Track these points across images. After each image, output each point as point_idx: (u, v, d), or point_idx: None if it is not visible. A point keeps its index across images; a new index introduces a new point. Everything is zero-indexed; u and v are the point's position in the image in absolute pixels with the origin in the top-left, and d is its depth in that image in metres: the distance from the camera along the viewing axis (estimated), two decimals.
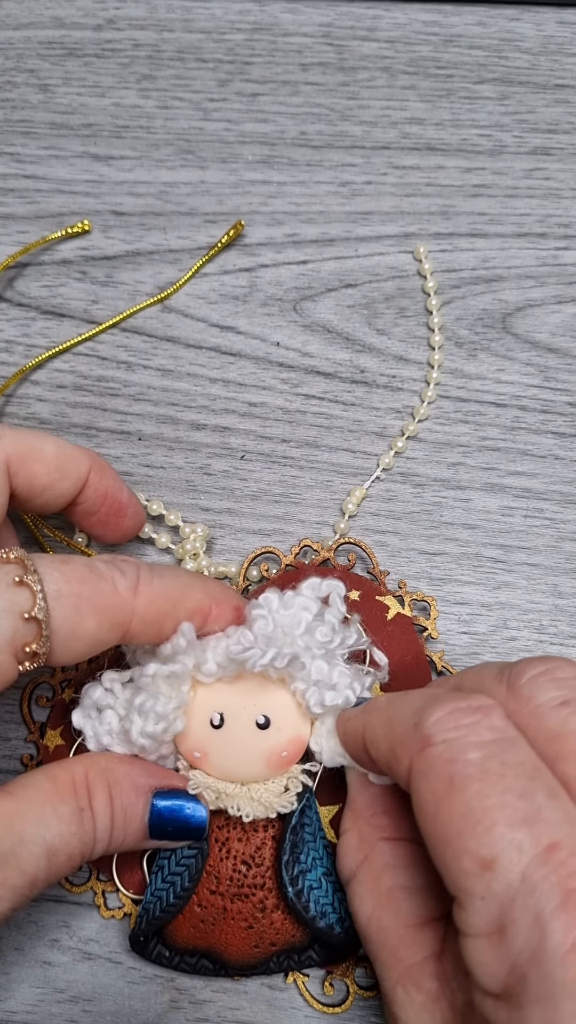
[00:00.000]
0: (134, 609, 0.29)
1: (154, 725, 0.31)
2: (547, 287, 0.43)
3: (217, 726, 0.32)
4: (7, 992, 0.35)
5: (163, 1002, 0.35)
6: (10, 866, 0.27)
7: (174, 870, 0.33)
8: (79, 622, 0.28)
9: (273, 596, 0.32)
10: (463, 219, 0.44)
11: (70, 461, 0.33)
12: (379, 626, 0.36)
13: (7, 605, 0.27)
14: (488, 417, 0.41)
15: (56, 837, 0.28)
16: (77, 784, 0.30)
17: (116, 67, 0.47)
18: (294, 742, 0.32)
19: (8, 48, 0.47)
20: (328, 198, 0.44)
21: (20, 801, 0.28)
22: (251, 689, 0.32)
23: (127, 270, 0.44)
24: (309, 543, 0.38)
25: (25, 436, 0.32)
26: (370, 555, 0.38)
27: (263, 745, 0.32)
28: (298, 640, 0.31)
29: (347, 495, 0.40)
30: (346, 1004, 0.34)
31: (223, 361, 0.42)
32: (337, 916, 0.32)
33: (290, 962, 0.34)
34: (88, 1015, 0.35)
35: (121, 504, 0.35)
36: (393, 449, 0.40)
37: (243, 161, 0.45)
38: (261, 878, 0.33)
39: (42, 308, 0.43)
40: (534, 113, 0.46)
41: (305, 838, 0.33)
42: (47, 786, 0.29)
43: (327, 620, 0.32)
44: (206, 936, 0.33)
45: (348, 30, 0.47)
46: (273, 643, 0.31)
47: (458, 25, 0.47)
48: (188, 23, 0.47)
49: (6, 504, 0.32)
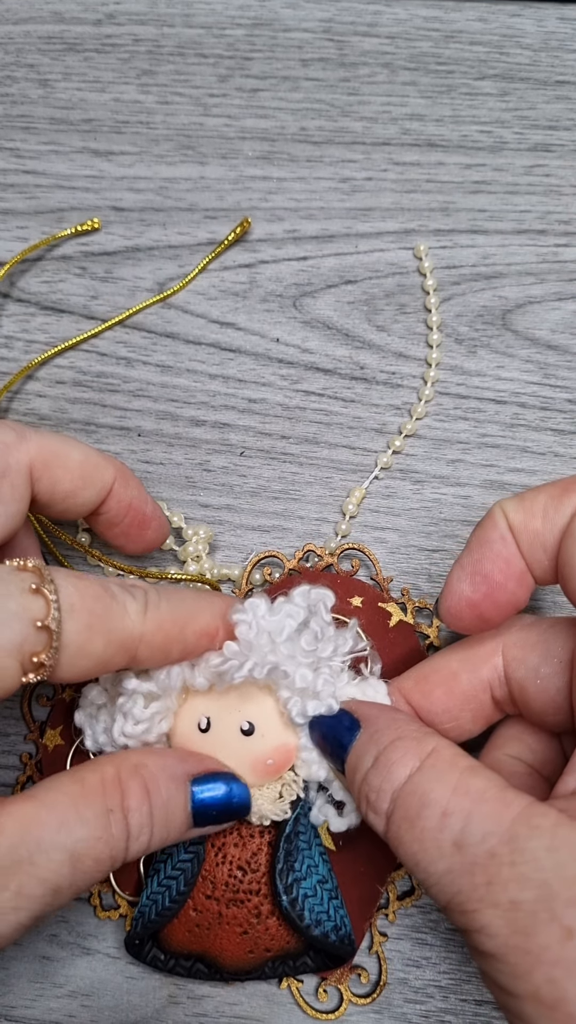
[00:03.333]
0: (142, 635, 0.29)
1: (133, 726, 0.31)
2: (547, 284, 0.43)
3: (204, 730, 0.32)
4: (6, 987, 0.35)
5: (162, 997, 0.35)
6: (26, 874, 0.26)
7: (170, 874, 0.33)
8: (89, 639, 0.28)
9: (259, 602, 0.32)
10: (463, 215, 0.44)
11: (95, 470, 0.33)
12: (381, 633, 0.36)
13: (20, 610, 0.27)
14: (488, 414, 0.41)
15: (79, 842, 0.27)
16: (107, 784, 0.28)
17: (116, 62, 0.47)
18: (279, 750, 0.32)
19: (8, 43, 0.47)
20: (328, 194, 0.44)
21: (41, 806, 0.27)
22: (238, 695, 0.32)
23: (127, 266, 0.44)
24: (313, 547, 0.38)
25: (51, 440, 0.32)
26: (373, 561, 0.38)
27: (248, 752, 0.32)
28: (281, 648, 0.31)
29: (347, 495, 0.40)
30: (339, 1011, 0.34)
31: (223, 357, 0.42)
32: (332, 924, 0.32)
33: (285, 968, 0.34)
34: (87, 1010, 0.35)
35: (145, 516, 0.35)
36: (391, 448, 0.40)
37: (243, 157, 0.45)
38: (257, 884, 0.33)
39: (41, 304, 0.43)
40: (535, 109, 0.46)
41: (300, 846, 0.33)
42: (72, 788, 0.28)
43: (311, 628, 0.32)
44: (201, 941, 0.33)
45: (349, 26, 0.47)
46: (256, 650, 0.31)
47: (459, 21, 0.47)
48: (188, 18, 0.47)
49: (27, 508, 0.31)
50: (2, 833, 0.26)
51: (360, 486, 0.40)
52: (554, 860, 0.24)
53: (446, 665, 0.32)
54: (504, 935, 0.24)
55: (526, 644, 0.31)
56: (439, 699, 0.32)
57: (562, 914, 0.23)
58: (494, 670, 0.31)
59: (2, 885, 0.26)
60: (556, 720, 0.30)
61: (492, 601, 0.29)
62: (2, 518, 0.30)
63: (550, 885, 0.24)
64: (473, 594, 0.30)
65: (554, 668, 0.30)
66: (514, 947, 0.24)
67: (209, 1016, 0.35)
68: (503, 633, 0.32)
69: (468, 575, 0.30)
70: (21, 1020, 0.35)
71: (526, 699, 0.31)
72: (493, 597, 0.29)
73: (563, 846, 0.24)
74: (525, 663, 0.31)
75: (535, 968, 0.23)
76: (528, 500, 0.29)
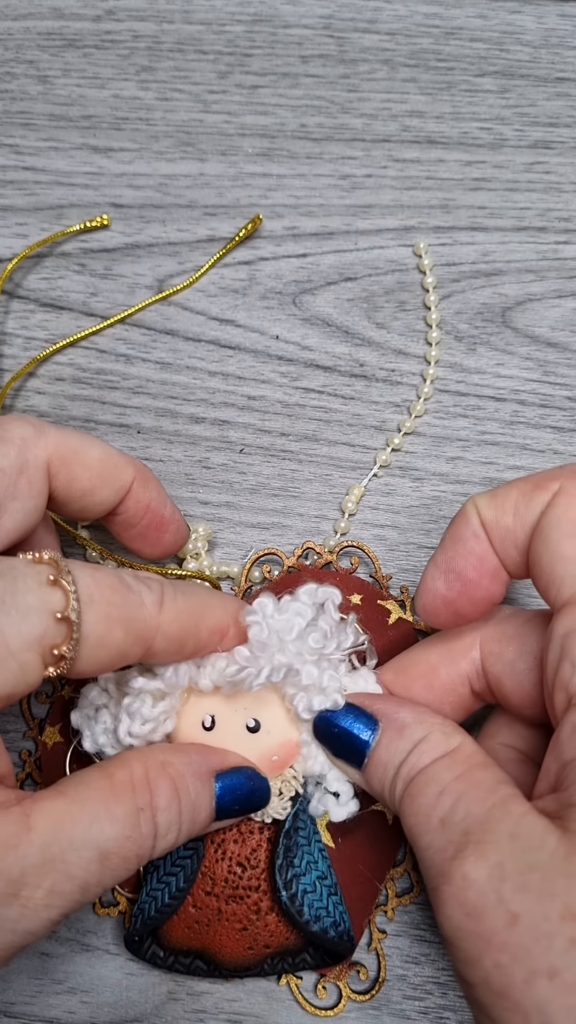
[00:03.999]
0: (159, 625, 0.29)
1: (140, 726, 0.31)
2: (547, 281, 0.43)
3: (208, 728, 0.32)
4: (5, 983, 0.35)
5: (161, 993, 0.35)
6: (58, 872, 0.26)
7: (169, 871, 0.33)
8: (108, 630, 0.28)
9: (267, 601, 0.32)
10: (463, 213, 0.44)
11: (114, 468, 0.32)
12: (380, 630, 0.36)
13: (39, 603, 0.26)
14: (487, 411, 0.41)
15: (109, 841, 0.27)
16: (136, 782, 0.28)
17: (115, 58, 0.47)
18: (284, 746, 0.32)
19: (7, 39, 0.47)
20: (328, 191, 0.44)
21: (72, 802, 0.27)
22: (243, 693, 0.32)
23: (126, 263, 0.44)
24: (312, 545, 0.38)
25: (70, 437, 0.31)
26: (372, 559, 0.38)
27: (253, 748, 0.32)
28: (290, 646, 0.31)
29: (346, 493, 0.40)
30: (338, 1008, 0.34)
31: (222, 354, 0.42)
32: (331, 920, 0.32)
33: (284, 964, 0.34)
34: (86, 1006, 0.35)
35: (163, 519, 0.35)
36: (390, 446, 0.40)
37: (243, 154, 0.45)
38: (256, 880, 0.33)
39: (41, 301, 0.43)
40: (535, 107, 0.46)
41: (299, 842, 0.33)
42: (103, 784, 0.28)
43: (320, 626, 0.32)
44: (200, 937, 0.33)
45: (349, 22, 0.47)
46: (267, 650, 0.31)
47: (459, 17, 0.47)
48: (188, 14, 0.47)
49: (44, 504, 0.31)
50: (35, 830, 0.26)
51: (359, 484, 0.40)
52: (513, 847, 0.24)
53: (425, 659, 0.32)
54: (457, 917, 0.24)
55: (503, 638, 0.31)
56: (419, 692, 0.32)
57: (509, 899, 0.23)
58: (472, 663, 0.31)
59: (35, 884, 0.25)
60: (533, 713, 0.30)
61: (467, 598, 0.29)
62: (20, 515, 0.30)
63: (503, 867, 0.24)
64: (448, 592, 0.29)
65: (528, 664, 0.30)
66: (466, 932, 0.24)
67: (208, 1012, 0.35)
68: (481, 626, 0.31)
69: (442, 572, 0.30)
70: (20, 1016, 0.35)
71: (503, 693, 0.31)
72: (468, 594, 0.29)
73: (524, 835, 0.24)
74: (502, 657, 0.31)
75: (484, 954, 0.23)
76: (500, 496, 0.29)
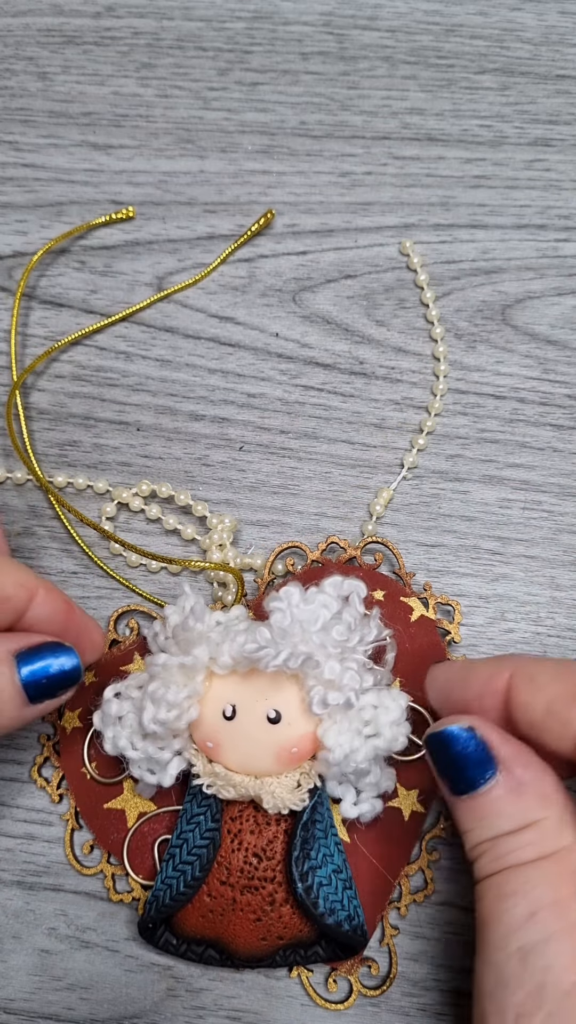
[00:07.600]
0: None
1: (166, 712, 0.31)
2: (547, 279, 0.43)
3: (229, 717, 0.32)
4: (5, 980, 0.35)
5: (160, 990, 0.35)
6: None
7: (185, 859, 0.33)
8: None
9: (294, 590, 0.32)
10: (463, 210, 0.44)
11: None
12: (402, 627, 0.36)
13: None
14: (487, 409, 0.41)
15: None
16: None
17: (115, 55, 0.47)
18: (305, 738, 0.32)
19: (7, 35, 0.47)
20: (328, 188, 0.44)
21: None
22: (265, 683, 0.32)
23: (126, 260, 0.44)
24: (336, 540, 0.38)
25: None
26: (396, 555, 0.38)
27: (273, 739, 0.32)
28: (313, 637, 0.31)
29: (375, 496, 0.39)
30: (348, 1002, 0.34)
31: (222, 352, 0.42)
32: (346, 914, 0.32)
33: (296, 957, 0.34)
34: (85, 1003, 0.35)
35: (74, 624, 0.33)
36: (415, 447, 0.40)
37: (243, 151, 0.45)
38: (272, 871, 0.33)
39: (40, 298, 0.43)
40: (535, 104, 0.46)
41: (316, 834, 0.33)
42: None
43: (344, 619, 0.32)
44: (214, 926, 0.33)
45: (349, 19, 0.47)
46: (289, 638, 0.31)
47: (459, 15, 0.47)
48: (188, 11, 0.47)
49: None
50: None
51: (388, 487, 0.40)
52: None
53: None
54: None
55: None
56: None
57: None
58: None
59: None
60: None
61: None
62: None
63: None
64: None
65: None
66: None
67: (207, 1009, 0.35)
68: None
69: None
70: (20, 1013, 0.35)
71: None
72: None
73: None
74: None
75: None
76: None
